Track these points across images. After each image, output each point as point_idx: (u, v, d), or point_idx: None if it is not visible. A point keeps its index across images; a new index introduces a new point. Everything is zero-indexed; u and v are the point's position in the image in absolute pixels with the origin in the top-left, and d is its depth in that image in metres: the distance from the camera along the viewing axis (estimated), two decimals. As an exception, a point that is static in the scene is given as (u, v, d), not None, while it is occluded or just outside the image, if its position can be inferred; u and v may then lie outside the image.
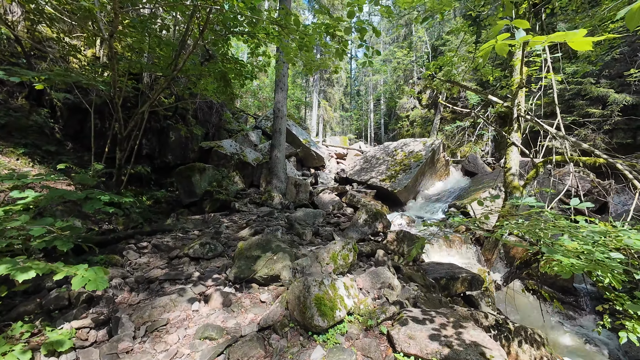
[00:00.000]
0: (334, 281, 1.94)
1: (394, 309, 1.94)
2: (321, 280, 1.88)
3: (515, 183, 4.92)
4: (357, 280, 2.31)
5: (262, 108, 23.96)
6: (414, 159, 9.73)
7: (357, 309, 1.92)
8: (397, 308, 1.97)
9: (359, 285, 2.25)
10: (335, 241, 2.52)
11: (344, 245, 2.46)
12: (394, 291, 2.20)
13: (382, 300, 2.07)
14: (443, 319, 1.71)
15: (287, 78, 8.54)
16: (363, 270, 2.70)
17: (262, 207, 7.21)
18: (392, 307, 1.94)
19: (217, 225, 4.68)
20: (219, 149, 8.47)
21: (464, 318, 1.80)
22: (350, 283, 2.06)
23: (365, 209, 4.93)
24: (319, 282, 1.85)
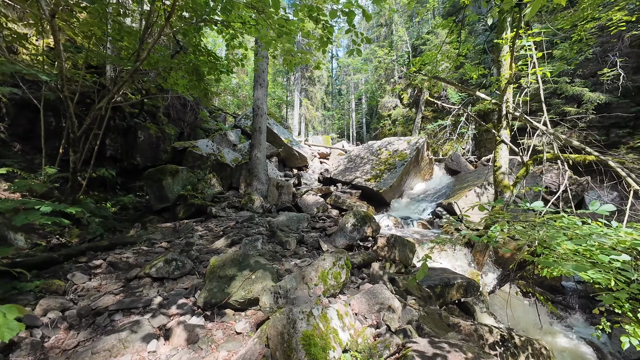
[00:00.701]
0: (325, 310, 1.58)
1: (397, 340, 1.60)
2: (310, 311, 1.51)
3: (505, 182, 4.77)
4: (351, 303, 1.96)
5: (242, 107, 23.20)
6: (399, 157, 9.56)
7: (354, 344, 1.57)
8: (401, 338, 1.64)
9: (354, 309, 1.90)
10: (324, 256, 2.16)
11: (335, 262, 2.10)
12: (394, 314, 1.87)
13: (382, 329, 1.74)
14: (458, 355, 1.40)
15: (266, 74, 8.08)
16: (356, 287, 2.36)
17: (242, 211, 6.72)
18: (394, 339, 1.61)
19: (189, 235, 4.18)
20: (194, 150, 7.88)
21: (484, 353, 1.49)
22: (345, 310, 1.71)
23: (352, 212, 4.59)
24: (306, 313, 1.48)
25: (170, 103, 8.51)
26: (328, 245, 4.12)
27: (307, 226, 5.21)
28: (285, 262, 2.84)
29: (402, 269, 3.97)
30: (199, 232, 4.49)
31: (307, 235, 4.47)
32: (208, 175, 7.48)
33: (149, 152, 7.76)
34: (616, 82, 8.85)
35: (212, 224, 5.24)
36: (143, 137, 7.49)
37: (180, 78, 6.11)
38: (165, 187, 6.42)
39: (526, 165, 4.70)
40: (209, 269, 2.45)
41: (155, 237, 4.07)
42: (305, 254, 3.28)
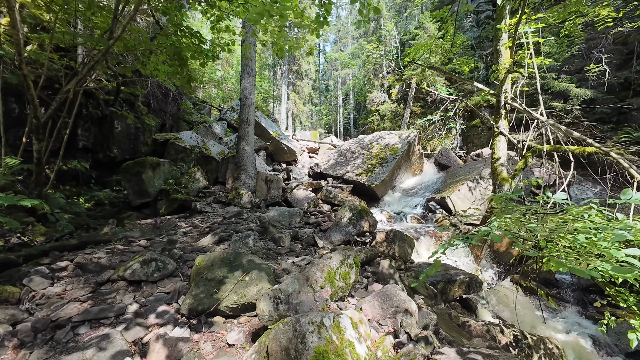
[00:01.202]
0: (337, 319, 1.32)
1: (422, 351, 1.37)
2: (320, 320, 1.24)
3: (504, 174, 4.65)
4: (363, 307, 1.71)
5: (228, 100, 22.47)
6: (390, 152, 9.40)
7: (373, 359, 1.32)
8: (423, 347, 1.41)
9: (367, 314, 1.65)
10: (330, 254, 1.89)
11: (343, 260, 1.84)
12: (412, 318, 1.64)
13: (402, 337, 1.50)
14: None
15: (254, 62, 7.67)
16: (364, 288, 2.11)
17: (229, 206, 6.35)
18: (419, 349, 1.37)
19: (171, 232, 3.81)
20: (177, 142, 7.40)
21: None
22: (359, 316, 1.45)
23: (348, 206, 4.35)
24: (317, 324, 1.22)
25: (150, 92, 7.95)
26: (323, 241, 3.86)
27: (299, 221, 4.93)
28: (281, 261, 2.55)
29: (401, 265, 3.76)
30: (182, 228, 4.12)
31: (301, 231, 4.18)
32: (192, 168, 7.04)
33: (127, 144, 7.22)
34: (601, 78, 9.02)
35: (197, 220, 4.86)
36: (120, 127, 6.94)
37: (161, 64, 5.64)
38: (145, 181, 5.95)
39: (525, 158, 4.60)
40: (194, 270, 2.13)
41: (133, 234, 3.67)
42: (301, 251, 3.00)
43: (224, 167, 7.76)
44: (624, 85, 9.05)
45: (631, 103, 8.78)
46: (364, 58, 23.09)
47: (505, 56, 4.89)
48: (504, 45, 4.84)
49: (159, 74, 5.70)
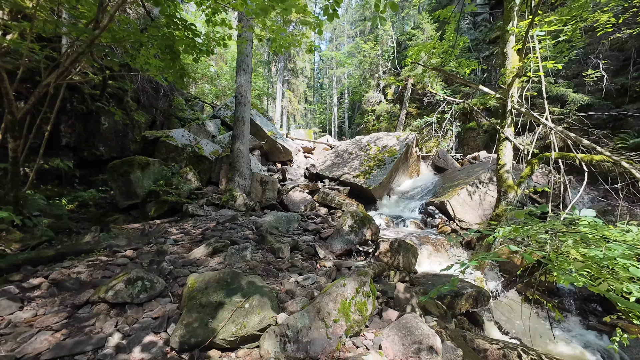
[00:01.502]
0: (359, 368, 1.11)
1: (456, 403, 1.17)
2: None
3: (509, 181, 4.51)
4: (382, 344, 1.50)
5: (221, 97, 22.01)
6: (388, 154, 9.24)
7: (402, 417, 1.12)
8: (456, 396, 1.22)
9: (388, 354, 1.44)
10: (343, 280, 1.68)
11: (358, 288, 1.63)
12: (438, 357, 1.44)
13: (429, 384, 1.30)
14: None
15: (250, 58, 7.37)
16: (378, 315, 1.90)
17: (223, 209, 6.08)
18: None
19: (161, 240, 3.53)
20: (168, 140, 7.06)
21: None
22: (381, 361, 1.24)
23: (350, 213, 4.14)
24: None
25: (140, 87, 7.58)
26: (324, 251, 3.64)
27: (297, 227, 4.70)
28: (283, 279, 2.32)
29: (405, 277, 3.58)
30: (173, 235, 3.84)
31: (300, 240, 3.96)
32: (184, 168, 6.72)
33: (115, 141, 6.85)
34: (599, 84, 9.03)
35: (188, 224, 4.58)
36: (107, 123, 6.57)
37: (152, 57, 5.32)
38: (133, 181, 5.62)
39: (531, 165, 4.47)
40: (186, 293, 1.88)
41: (118, 242, 3.38)
42: (303, 265, 2.78)
43: (218, 167, 7.47)
44: (620, 92, 9.10)
45: (627, 109, 8.83)
46: (360, 57, 22.90)
47: (512, 59, 4.75)
48: (511, 48, 4.69)
49: (149, 68, 5.37)
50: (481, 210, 7.02)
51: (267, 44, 26.05)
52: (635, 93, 8.85)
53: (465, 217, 6.88)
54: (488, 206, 7.06)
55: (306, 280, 2.24)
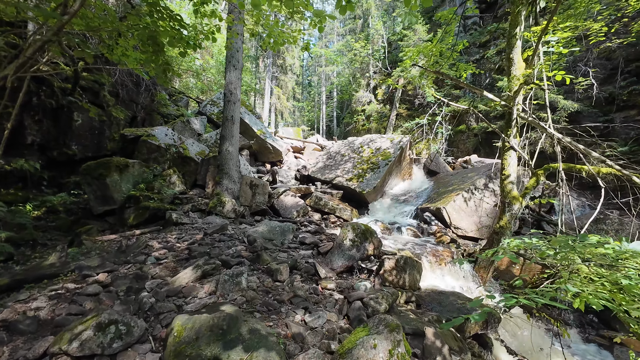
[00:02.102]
0: None
1: None
2: None
3: (514, 193, 4.36)
4: None
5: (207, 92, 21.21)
6: (382, 157, 9.02)
7: None
8: None
9: None
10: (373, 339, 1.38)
11: (392, 350, 1.31)
12: None
13: None
14: None
15: (241, 54, 6.92)
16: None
17: (210, 215, 5.65)
18: None
19: (140, 258, 3.11)
20: (150, 139, 6.52)
21: None
22: None
23: (351, 225, 3.86)
24: None
25: (118, 80, 6.97)
26: (325, 269, 3.34)
27: (293, 239, 4.36)
28: (287, 317, 1.99)
29: (412, 297, 3.33)
30: (154, 251, 3.42)
31: (298, 255, 3.63)
32: (167, 170, 6.22)
33: (90, 140, 6.25)
34: (588, 92, 9.16)
35: (172, 235, 4.15)
36: (81, 120, 5.97)
37: (132, 49, 4.81)
38: (109, 185, 5.10)
39: (536, 176, 4.33)
40: (171, 345, 1.53)
41: (90, 262, 2.94)
42: (307, 295, 2.44)
43: (204, 169, 6.99)
44: (608, 100, 9.27)
45: (615, 117, 9.02)
46: (351, 56, 22.64)
47: (518, 65, 4.58)
48: (518, 54, 4.53)
49: (128, 61, 4.85)
50: (477, 217, 6.91)
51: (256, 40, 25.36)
52: (622, 102, 9.05)
53: (462, 224, 6.76)
54: (484, 213, 6.97)
55: (315, 321, 1.93)
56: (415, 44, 16.95)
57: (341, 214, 7.26)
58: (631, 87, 8.97)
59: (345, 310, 2.15)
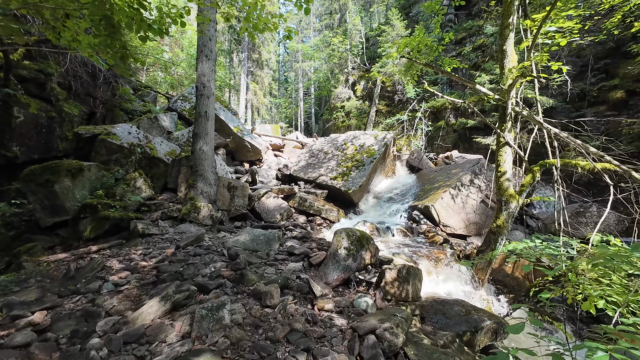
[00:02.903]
0: None
1: None
2: None
3: (510, 190, 4.19)
4: None
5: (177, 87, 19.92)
6: (367, 154, 8.74)
7: None
8: None
9: None
10: None
11: None
12: None
13: None
14: None
15: (214, 43, 6.28)
16: None
17: (183, 223, 5.05)
18: None
19: (94, 285, 2.52)
20: (110, 138, 5.72)
21: None
22: None
23: (345, 233, 3.47)
24: None
25: (70, 70, 6.07)
26: (320, 285, 2.93)
27: (279, 249, 3.90)
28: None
29: (415, 310, 3.02)
30: (113, 273, 2.83)
31: (287, 270, 3.19)
32: (132, 173, 5.49)
33: (36, 139, 5.37)
34: (562, 88, 9.41)
35: (137, 251, 3.54)
36: (23, 116, 5.09)
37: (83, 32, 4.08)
38: (59, 193, 4.34)
39: (532, 172, 4.18)
40: None
41: (25, 296, 2.31)
42: (307, 328, 2.00)
43: (175, 171, 6.30)
44: (580, 96, 9.61)
45: (586, 113, 9.36)
46: (329, 51, 22.21)
47: (511, 58, 4.41)
48: (511, 46, 4.34)
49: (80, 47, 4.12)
50: (464, 214, 6.81)
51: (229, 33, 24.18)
52: (593, 98, 9.40)
53: (450, 221, 6.62)
54: (470, 209, 6.88)
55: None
56: (394, 40, 16.86)
57: (327, 215, 6.88)
58: (600, 83, 9.34)
59: (357, 349, 1.76)
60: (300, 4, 3.48)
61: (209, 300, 2.27)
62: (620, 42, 8.96)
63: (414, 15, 18.65)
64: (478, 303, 3.75)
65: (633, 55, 8.40)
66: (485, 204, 7.02)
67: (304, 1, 3.45)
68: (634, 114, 8.35)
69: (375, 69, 17.46)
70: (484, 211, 6.94)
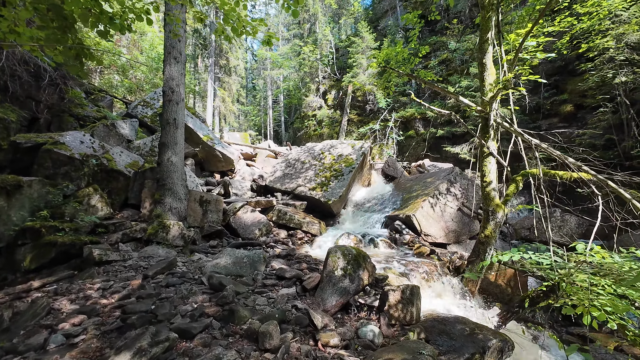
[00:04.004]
0: None
1: None
2: None
3: (497, 200, 4.23)
4: None
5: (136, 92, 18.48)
6: (345, 163, 8.62)
7: None
8: None
9: None
10: None
11: None
12: None
13: None
14: None
15: (184, 44, 5.77)
16: None
17: (149, 245, 4.42)
18: None
19: (37, 340, 1.96)
20: (57, 148, 4.91)
21: None
22: None
23: (340, 251, 3.20)
24: None
25: (7, 69, 5.17)
26: (319, 315, 2.61)
27: (267, 271, 3.51)
28: None
29: (421, 333, 2.81)
30: (64, 318, 2.26)
31: (279, 297, 2.83)
32: (85, 189, 4.73)
33: (-42, 150, 4.42)
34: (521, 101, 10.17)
35: (94, 286, 2.94)
36: (-60, 122, 4.16)
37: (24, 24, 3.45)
38: (-11, 216, 3.54)
39: (515, 182, 4.26)
40: None
41: None
42: None
43: (138, 185, 5.60)
44: (535, 109, 10.45)
45: (541, 124, 10.18)
46: (300, 60, 22.18)
47: (491, 71, 4.53)
48: (490, 59, 4.47)
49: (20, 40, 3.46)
50: (443, 222, 6.90)
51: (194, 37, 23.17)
52: (547, 110, 10.29)
53: (430, 230, 6.65)
54: (449, 218, 6.99)
55: None
56: (364, 51, 17.29)
57: (309, 228, 6.55)
58: (552, 98, 10.26)
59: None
60: (288, 5, 3.22)
61: (194, 349, 1.85)
62: (567, 60, 9.93)
63: (382, 29, 19.34)
64: (474, 317, 3.67)
65: (579, 73, 9.33)
66: (462, 211, 7.19)
67: (292, 3, 3.19)
68: (582, 125, 9.22)
69: (346, 78, 17.69)
70: (461, 219, 7.09)
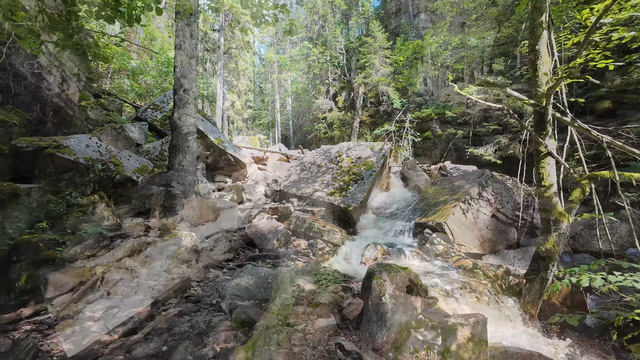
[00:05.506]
0: None
1: None
2: None
3: (559, 208, 3.62)
4: None
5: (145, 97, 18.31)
6: (365, 166, 8.07)
7: None
8: None
9: None
10: None
11: None
12: None
13: None
14: None
15: (197, 39, 5.31)
16: None
17: (159, 260, 3.93)
18: None
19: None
20: (60, 152, 4.51)
21: None
22: None
23: (387, 273, 2.65)
24: None
25: (7, 67, 4.81)
26: (371, 357, 2.05)
27: (296, 294, 2.98)
28: None
29: None
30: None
31: (316, 331, 2.29)
32: (90, 197, 4.30)
33: (-46, 155, 4.05)
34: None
35: (94, 315, 2.45)
36: None
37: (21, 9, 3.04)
38: (-20, 229, 3.12)
39: (582, 186, 3.65)
40: None
41: None
42: None
43: (147, 192, 5.15)
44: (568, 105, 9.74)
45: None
46: (309, 62, 21.78)
47: (545, 59, 3.95)
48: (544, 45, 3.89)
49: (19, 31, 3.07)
50: (477, 230, 6.27)
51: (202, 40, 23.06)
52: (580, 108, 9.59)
53: (465, 239, 6.03)
54: (483, 225, 6.36)
55: None
56: (376, 51, 16.78)
57: (330, 237, 6.01)
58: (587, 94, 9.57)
59: None
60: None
61: None
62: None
63: (395, 28, 18.84)
64: (545, 350, 3.05)
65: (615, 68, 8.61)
66: (497, 218, 6.55)
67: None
68: (620, 123, 8.50)
69: (359, 79, 17.19)
70: (496, 226, 6.45)
